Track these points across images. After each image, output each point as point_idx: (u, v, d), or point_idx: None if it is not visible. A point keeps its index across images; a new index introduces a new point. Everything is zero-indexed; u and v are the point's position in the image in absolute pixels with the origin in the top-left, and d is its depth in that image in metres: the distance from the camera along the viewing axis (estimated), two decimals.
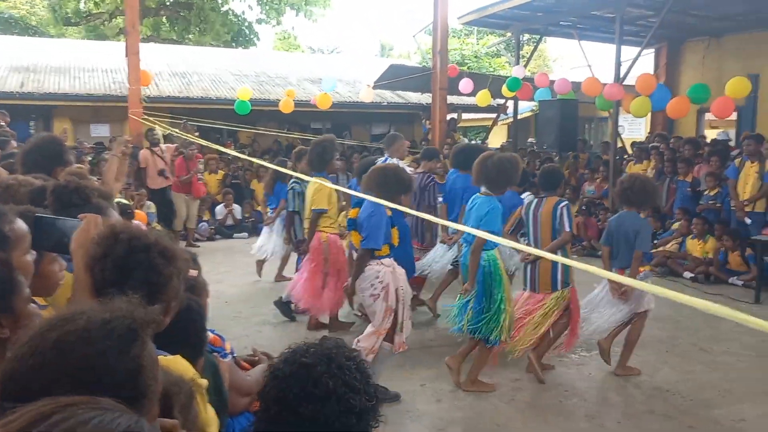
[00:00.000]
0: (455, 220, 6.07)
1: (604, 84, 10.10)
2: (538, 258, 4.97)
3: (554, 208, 5.00)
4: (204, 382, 1.73)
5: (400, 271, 4.59)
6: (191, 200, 10.63)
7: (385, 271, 4.46)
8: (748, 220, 8.39)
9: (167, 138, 11.11)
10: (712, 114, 8.89)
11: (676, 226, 9.22)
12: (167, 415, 1.33)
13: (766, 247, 7.72)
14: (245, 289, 7.88)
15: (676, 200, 9.70)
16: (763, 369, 5.31)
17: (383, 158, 6.79)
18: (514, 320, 4.82)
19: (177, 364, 1.67)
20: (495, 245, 4.67)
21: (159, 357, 1.62)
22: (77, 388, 1.01)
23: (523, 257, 5.17)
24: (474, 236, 4.59)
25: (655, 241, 8.86)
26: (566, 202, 5.11)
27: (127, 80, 11.03)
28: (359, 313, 6.43)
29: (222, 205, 11.97)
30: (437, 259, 6.53)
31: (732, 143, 11.68)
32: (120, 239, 1.68)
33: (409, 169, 5.61)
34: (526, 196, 6.32)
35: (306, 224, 6.16)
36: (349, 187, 6.70)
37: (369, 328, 4.52)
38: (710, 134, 14.00)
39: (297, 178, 6.45)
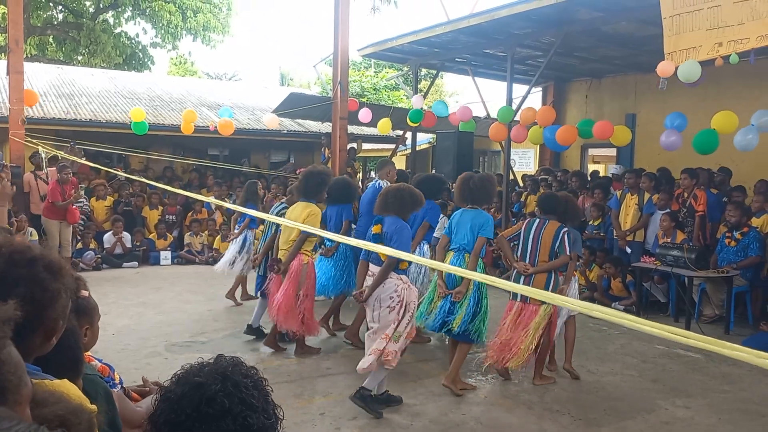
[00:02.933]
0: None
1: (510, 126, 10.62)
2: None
3: (557, 232, 5.48)
4: (95, 408, 1.61)
5: (414, 289, 5.01)
6: (65, 226, 10.01)
7: (403, 287, 4.84)
8: (628, 249, 8.95)
9: (53, 160, 10.52)
10: (594, 136, 9.48)
11: None
12: None
13: (644, 274, 8.26)
14: (133, 321, 7.50)
15: None
16: (644, 388, 5.63)
17: (373, 181, 7.07)
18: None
19: (69, 389, 1.54)
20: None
21: (49, 381, 1.50)
22: None
23: (523, 269, 5.51)
24: (473, 243, 5.21)
25: None
26: (567, 229, 5.53)
27: (8, 100, 10.42)
28: (349, 342, 6.65)
29: (110, 232, 11.39)
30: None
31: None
32: (1, 253, 1.54)
33: None
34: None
35: (283, 245, 6.23)
36: (325, 214, 7.03)
37: (379, 340, 4.75)
38: (592, 168, 14.92)
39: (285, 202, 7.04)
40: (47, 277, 1.54)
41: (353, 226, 7.05)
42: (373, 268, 4.91)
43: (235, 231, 8.51)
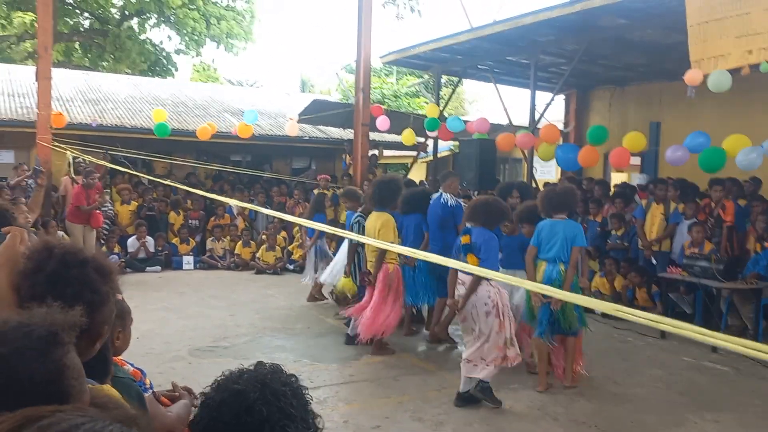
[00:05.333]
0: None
1: (516, 130, 10.48)
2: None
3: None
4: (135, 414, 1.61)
5: (504, 292, 5.19)
6: (89, 231, 10.12)
7: (494, 292, 5.06)
8: (654, 260, 8.83)
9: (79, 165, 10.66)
10: (612, 166, 9.35)
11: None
12: None
13: (670, 285, 8.14)
14: (157, 325, 7.54)
15: (587, 238, 10.09)
16: (672, 401, 5.53)
17: (437, 194, 7.10)
18: None
19: (114, 395, 1.54)
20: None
21: (99, 386, 1.50)
22: None
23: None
24: (569, 254, 5.40)
25: None
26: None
27: (36, 105, 10.57)
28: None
29: (134, 237, 11.49)
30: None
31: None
32: (54, 254, 1.55)
33: (452, 199, 6.79)
34: None
35: (369, 256, 6.48)
36: (401, 223, 7.06)
37: (477, 344, 5.02)
38: (615, 177, 14.78)
39: (361, 211, 7.09)
40: (98, 279, 1.55)
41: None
42: (463, 277, 5.05)
43: (308, 242, 9.09)
